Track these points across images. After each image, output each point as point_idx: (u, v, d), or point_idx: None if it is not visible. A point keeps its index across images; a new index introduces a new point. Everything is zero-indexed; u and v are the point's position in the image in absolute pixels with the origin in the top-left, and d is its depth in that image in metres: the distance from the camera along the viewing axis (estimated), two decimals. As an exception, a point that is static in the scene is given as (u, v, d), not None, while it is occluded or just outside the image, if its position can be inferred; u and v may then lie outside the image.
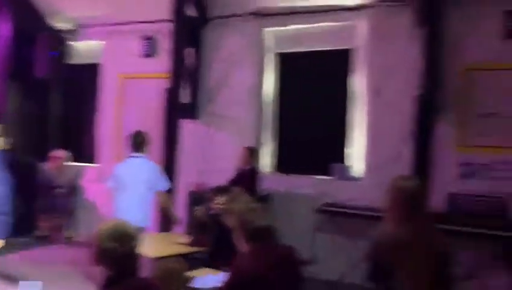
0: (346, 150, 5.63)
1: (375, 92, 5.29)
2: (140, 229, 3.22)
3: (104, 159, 6.78)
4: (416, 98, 4.64)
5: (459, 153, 4.89)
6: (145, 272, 2.35)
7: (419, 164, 4.52)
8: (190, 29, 5.97)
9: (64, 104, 7.07)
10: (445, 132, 4.92)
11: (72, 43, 7.02)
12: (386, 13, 5.24)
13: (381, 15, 5.28)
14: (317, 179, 5.66)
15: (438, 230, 2.42)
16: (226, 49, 6.08)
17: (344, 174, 5.50)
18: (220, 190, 3.67)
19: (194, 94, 6.11)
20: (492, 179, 4.74)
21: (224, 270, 2.48)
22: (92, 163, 6.94)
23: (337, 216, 5.07)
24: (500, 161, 4.68)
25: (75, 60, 7.08)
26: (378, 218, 4.79)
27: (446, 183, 4.76)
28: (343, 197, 5.37)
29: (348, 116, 5.62)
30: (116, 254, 1.99)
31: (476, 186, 4.76)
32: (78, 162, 6.80)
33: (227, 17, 6.03)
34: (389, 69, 5.23)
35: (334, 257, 5.36)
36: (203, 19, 6.11)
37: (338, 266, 5.16)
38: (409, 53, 5.07)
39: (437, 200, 4.43)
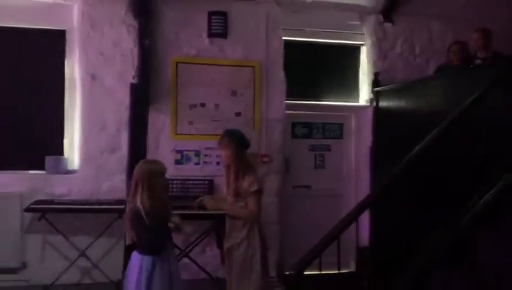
0: (64, 141, 5.18)
1: (91, 79, 5.03)
2: None
3: None
4: (131, 87, 4.64)
5: (173, 141, 5.15)
6: None
7: (136, 153, 4.54)
8: None
9: None
10: (160, 121, 5.11)
11: None
12: (100, -2, 5.04)
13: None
14: (28, 174, 5.01)
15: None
16: None
17: (59, 167, 5.04)
18: None
19: None
20: (203, 164, 5.22)
21: None
22: None
23: (49, 214, 4.61)
24: (208, 147, 5.18)
25: None
26: (93, 211, 4.68)
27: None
28: (57, 192, 4.93)
29: (65, 104, 5.17)
30: None
31: (188, 171, 5.13)
32: None
33: None
34: (105, 56, 5.05)
35: (47, 259, 4.88)
36: None
37: (53, 268, 4.73)
38: (124, 41, 5.04)
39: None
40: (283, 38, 5.47)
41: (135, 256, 3.20)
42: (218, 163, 5.17)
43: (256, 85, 5.35)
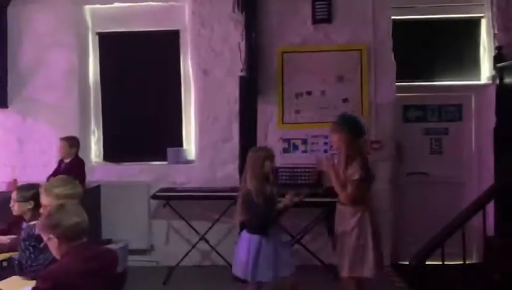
0: (182, 133, 5.59)
1: (203, 74, 5.33)
2: None
3: None
4: (240, 80, 4.80)
5: (280, 130, 5.25)
6: None
7: (247, 143, 4.70)
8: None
9: None
10: (268, 111, 5.23)
11: None
12: (209, -4, 5.29)
13: (205, -3, 5.31)
14: (152, 165, 5.52)
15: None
16: (38, 27, 5.41)
17: (178, 158, 5.46)
18: (25, 188, 3.25)
19: (2, 79, 5.31)
20: (310, 152, 5.24)
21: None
22: None
23: (172, 201, 5.02)
24: (315, 135, 5.18)
25: None
26: (210, 198, 4.98)
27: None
28: (178, 181, 5.35)
29: (181, 99, 5.57)
30: None
31: (296, 159, 5.18)
32: None
33: (39, -8, 5.37)
34: (215, 52, 5.32)
35: (171, 242, 5.33)
36: (6, -6, 5.33)
37: (176, 251, 5.15)
38: (232, 36, 5.23)
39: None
40: (391, 17, 5.22)
41: (244, 235, 3.41)
42: (325, 151, 5.17)
43: (363, 69, 5.19)
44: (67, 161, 4.81)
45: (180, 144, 5.58)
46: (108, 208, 5.22)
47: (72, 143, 4.83)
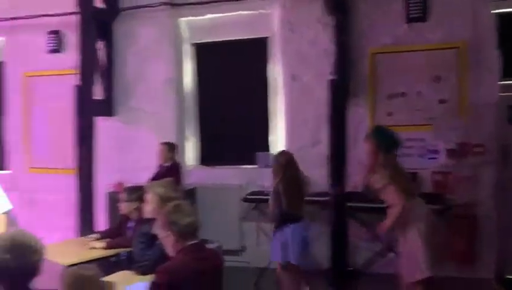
0: (270, 138, 5.69)
1: (291, 79, 5.37)
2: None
3: (14, 166, 6.33)
4: (329, 83, 4.76)
5: (371, 133, 5.10)
6: (55, 281, 2.20)
7: (337, 147, 4.65)
8: (99, 22, 5.66)
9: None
10: (358, 114, 5.12)
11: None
12: (298, 1, 5.32)
13: (294, 3, 5.35)
14: (243, 169, 5.68)
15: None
16: (140, 41, 5.86)
17: (267, 162, 5.53)
18: (132, 190, 3.55)
19: (109, 90, 5.83)
20: (403, 156, 5.00)
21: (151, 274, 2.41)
22: (1, 170, 6.45)
23: (261, 204, 5.11)
24: (408, 138, 4.96)
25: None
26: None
27: (362, 163, 4.95)
28: (266, 184, 5.40)
29: (269, 104, 5.67)
30: (9, 268, 1.86)
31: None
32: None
33: (139, 7, 5.81)
34: (303, 56, 5.34)
35: (261, 244, 5.42)
36: (112, 10, 5.83)
37: (267, 252, 5.22)
38: (320, 40, 5.21)
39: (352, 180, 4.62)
40: (494, 11, 4.83)
41: None
42: (421, 155, 4.93)
43: (462, 67, 4.87)
44: (166, 164, 5.13)
45: (268, 149, 5.67)
46: (203, 209, 5.45)
47: (171, 148, 5.16)
